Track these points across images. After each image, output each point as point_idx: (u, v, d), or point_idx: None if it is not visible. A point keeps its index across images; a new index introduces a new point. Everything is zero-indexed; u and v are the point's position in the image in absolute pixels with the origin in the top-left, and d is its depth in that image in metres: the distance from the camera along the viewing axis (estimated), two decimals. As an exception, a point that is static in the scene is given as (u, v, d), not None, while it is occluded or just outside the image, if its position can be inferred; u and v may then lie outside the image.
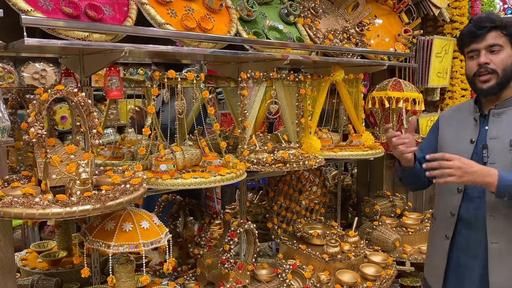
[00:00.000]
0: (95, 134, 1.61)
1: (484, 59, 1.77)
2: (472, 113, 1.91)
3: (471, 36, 1.80)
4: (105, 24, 1.72)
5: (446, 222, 1.93)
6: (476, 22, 1.80)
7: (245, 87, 2.19)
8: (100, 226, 1.64)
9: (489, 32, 1.77)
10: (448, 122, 2.02)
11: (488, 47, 1.77)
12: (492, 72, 1.77)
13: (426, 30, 3.56)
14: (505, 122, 1.80)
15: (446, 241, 1.93)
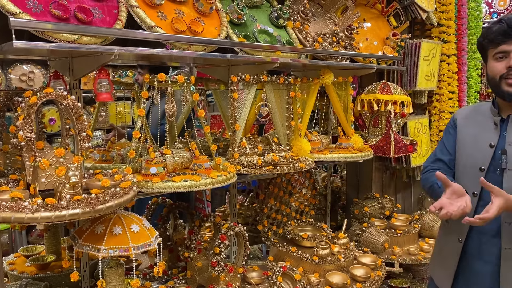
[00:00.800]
0: (85, 137, 1.60)
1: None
2: (491, 117, 1.87)
3: (504, 36, 1.73)
4: (95, 27, 1.71)
5: (459, 226, 1.87)
6: (509, 23, 1.72)
7: (235, 90, 2.20)
8: (89, 229, 1.63)
9: None
10: (466, 123, 1.97)
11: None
12: None
13: (414, 34, 3.61)
14: None
15: (458, 244, 1.91)
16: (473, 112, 1.98)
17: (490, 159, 1.80)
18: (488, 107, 1.91)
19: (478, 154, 1.84)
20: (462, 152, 1.94)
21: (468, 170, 1.88)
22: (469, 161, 1.88)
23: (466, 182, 1.87)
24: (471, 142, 1.90)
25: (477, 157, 1.84)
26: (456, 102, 3.69)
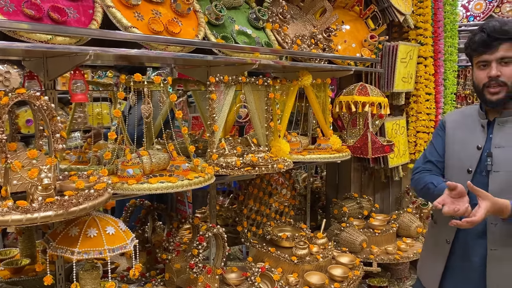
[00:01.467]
0: (59, 139, 1.58)
1: (495, 71, 1.74)
2: (479, 120, 1.89)
3: (484, 47, 1.76)
4: (72, 27, 1.69)
5: (447, 227, 1.86)
6: (489, 32, 1.74)
7: (214, 91, 2.20)
8: (64, 232, 1.61)
9: (501, 44, 1.73)
10: (455, 126, 2.00)
11: (499, 60, 1.74)
12: (503, 84, 1.75)
13: (392, 36, 3.66)
14: (510, 131, 1.80)
15: (446, 245, 1.93)
16: (462, 116, 2.01)
17: (477, 161, 1.83)
18: (475, 110, 1.94)
19: (466, 156, 1.87)
20: (451, 154, 1.97)
21: (457, 172, 1.91)
22: (457, 163, 1.92)
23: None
24: (460, 145, 1.93)
25: (465, 159, 1.87)
26: (433, 103, 3.76)
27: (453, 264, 1.93)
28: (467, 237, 1.87)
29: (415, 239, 3.25)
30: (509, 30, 1.72)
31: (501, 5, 7.99)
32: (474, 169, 1.84)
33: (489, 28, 1.75)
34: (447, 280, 1.96)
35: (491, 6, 8.09)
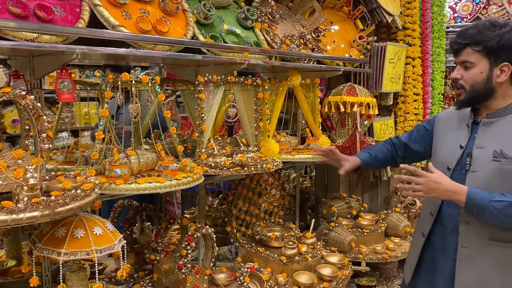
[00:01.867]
0: (45, 138, 1.56)
1: (455, 74, 1.81)
2: (467, 119, 1.92)
3: (451, 49, 1.84)
4: (59, 26, 1.67)
5: (425, 221, 1.98)
6: (456, 35, 1.81)
7: (203, 91, 2.19)
8: (50, 233, 1.59)
9: (463, 48, 1.78)
10: (446, 125, 2.03)
11: (461, 63, 1.80)
12: (461, 87, 1.80)
13: (380, 37, 3.68)
14: (493, 132, 1.80)
15: (422, 238, 1.98)
16: (453, 114, 2.04)
17: (457, 159, 1.86)
18: (467, 110, 1.96)
19: (449, 154, 1.91)
20: (438, 152, 2.01)
21: (438, 168, 1.91)
22: (441, 160, 1.95)
23: None
24: (446, 142, 1.97)
25: (448, 157, 1.91)
26: (420, 104, 3.79)
27: (428, 257, 1.98)
28: (442, 232, 1.91)
29: (403, 239, 3.28)
30: (471, 35, 1.75)
31: (488, 7, 8.09)
32: (453, 167, 1.86)
33: (459, 31, 1.82)
34: (421, 273, 2.01)
35: (478, 8, 8.19)
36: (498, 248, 1.77)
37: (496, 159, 1.74)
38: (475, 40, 1.74)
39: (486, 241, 1.77)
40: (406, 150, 2.20)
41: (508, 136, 1.76)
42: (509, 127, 1.78)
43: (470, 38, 1.75)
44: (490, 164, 1.75)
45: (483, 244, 1.78)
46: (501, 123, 1.80)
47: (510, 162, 1.71)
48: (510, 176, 1.72)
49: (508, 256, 1.78)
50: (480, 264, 1.79)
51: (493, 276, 1.79)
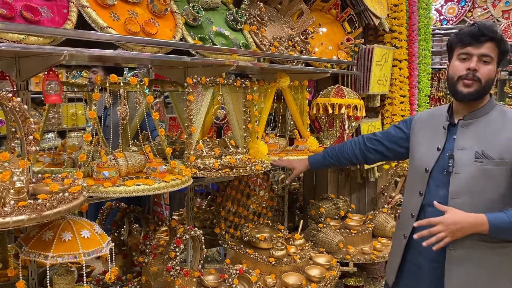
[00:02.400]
0: (32, 141, 1.54)
1: (475, 65, 1.78)
2: (443, 121, 1.94)
3: (472, 39, 1.79)
4: (46, 27, 1.66)
5: (406, 222, 1.98)
6: (480, 27, 1.78)
7: (191, 92, 2.19)
8: (37, 236, 1.57)
9: (487, 41, 1.77)
10: (421, 126, 2.05)
11: (481, 56, 1.78)
12: (477, 80, 1.78)
13: (367, 39, 3.72)
14: (472, 134, 1.83)
15: (403, 240, 1.98)
16: (429, 117, 2.06)
17: (435, 161, 1.88)
18: (442, 112, 1.99)
19: (426, 156, 1.93)
20: (415, 154, 2.02)
21: (417, 170, 1.97)
22: (419, 163, 1.97)
23: (415, 182, 1.97)
24: (423, 145, 1.99)
25: (425, 159, 1.93)
26: (407, 105, 3.83)
27: (409, 259, 1.99)
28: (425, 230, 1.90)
29: (391, 239, 3.30)
30: (497, 31, 1.78)
31: (473, 10, 8.22)
32: (431, 168, 1.89)
33: (481, 24, 1.81)
34: (404, 275, 2.02)
35: (463, 11, 8.31)
36: (487, 249, 1.79)
37: (478, 160, 1.77)
38: (500, 38, 1.78)
39: (475, 242, 1.78)
40: (379, 145, 2.21)
41: (488, 137, 1.79)
42: (488, 128, 1.81)
43: (496, 34, 1.78)
44: (472, 165, 1.78)
45: (472, 246, 1.79)
46: (479, 123, 1.84)
47: (492, 163, 1.75)
48: (492, 176, 1.75)
49: (497, 256, 1.80)
50: (469, 265, 1.81)
51: (483, 277, 1.81)
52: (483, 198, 1.77)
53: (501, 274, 1.82)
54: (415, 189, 1.95)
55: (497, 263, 1.81)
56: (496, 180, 1.76)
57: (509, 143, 1.75)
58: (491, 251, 1.79)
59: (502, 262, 1.81)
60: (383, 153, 2.24)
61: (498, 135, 1.78)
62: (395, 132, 2.17)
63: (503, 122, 1.81)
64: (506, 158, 1.74)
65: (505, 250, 1.80)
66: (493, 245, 1.78)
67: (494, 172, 1.75)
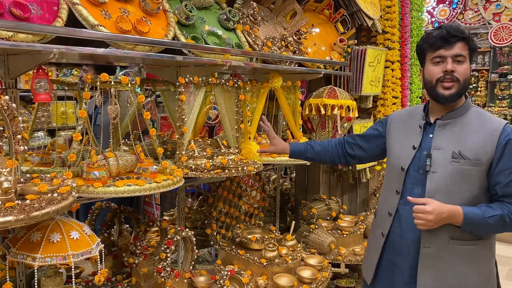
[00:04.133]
0: (20, 140, 1.51)
1: (451, 66, 1.80)
2: (419, 120, 1.97)
3: (443, 41, 1.82)
4: (36, 24, 1.62)
5: (383, 221, 2.01)
6: (448, 29, 1.81)
7: (183, 92, 2.16)
8: (25, 237, 1.54)
9: (458, 41, 1.80)
10: (397, 125, 2.08)
11: (454, 56, 1.81)
12: (456, 80, 1.81)
13: (360, 40, 3.72)
14: (449, 134, 1.86)
15: (381, 238, 2.01)
16: (405, 116, 2.09)
17: (411, 160, 1.92)
18: (419, 111, 2.02)
19: (402, 155, 1.97)
20: (391, 152, 2.06)
21: (394, 169, 2.01)
22: (395, 161, 2.00)
23: (392, 180, 2.01)
24: (399, 144, 2.02)
25: (401, 157, 1.97)
26: (399, 106, 3.84)
27: (387, 257, 2.01)
28: (402, 232, 1.95)
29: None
30: (464, 30, 1.82)
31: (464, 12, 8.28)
32: (407, 167, 1.92)
33: (448, 26, 1.85)
34: (381, 273, 2.05)
35: (454, 13, 8.37)
36: (459, 247, 1.84)
37: (455, 160, 1.82)
38: (468, 36, 1.82)
39: (446, 240, 1.84)
40: (358, 149, 2.22)
41: (464, 138, 1.83)
42: (465, 128, 1.85)
43: (465, 34, 1.81)
44: (449, 165, 1.82)
45: (444, 243, 1.84)
46: (456, 124, 1.87)
47: (468, 163, 1.79)
48: (469, 176, 1.80)
49: (468, 253, 1.85)
50: (442, 263, 1.85)
51: (455, 275, 1.86)
52: (458, 197, 1.80)
53: (470, 271, 1.86)
54: (392, 187, 1.99)
55: (469, 258, 1.85)
56: (471, 181, 1.80)
57: (485, 144, 1.79)
58: (462, 248, 1.84)
59: (471, 260, 1.86)
60: (364, 157, 2.26)
61: (475, 136, 1.82)
62: (372, 134, 2.19)
63: (479, 124, 1.84)
64: (482, 159, 1.78)
65: (474, 248, 1.85)
66: (465, 242, 1.83)
67: (470, 173, 1.79)
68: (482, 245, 1.87)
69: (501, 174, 1.77)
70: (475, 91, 8.19)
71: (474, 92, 8.20)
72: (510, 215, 1.76)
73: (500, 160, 1.77)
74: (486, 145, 1.79)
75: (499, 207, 1.77)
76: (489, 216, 1.75)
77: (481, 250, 1.87)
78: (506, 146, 1.77)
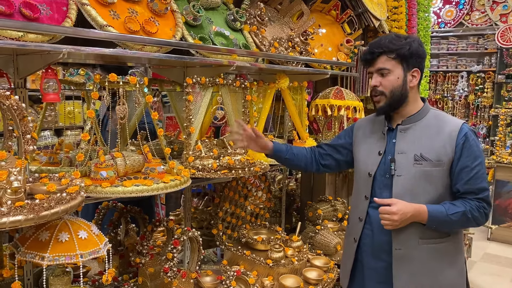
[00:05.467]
0: (29, 140, 1.52)
1: (374, 82, 1.91)
2: (382, 127, 2.03)
3: (365, 60, 1.95)
4: (45, 25, 1.63)
5: (355, 227, 2.07)
6: (369, 46, 1.94)
7: (191, 92, 2.17)
8: (33, 236, 1.55)
9: (378, 56, 1.89)
10: (362, 133, 2.14)
11: (378, 71, 1.90)
12: (381, 93, 1.90)
13: (367, 41, 3.71)
14: (410, 138, 1.93)
15: (354, 244, 2.06)
16: (369, 122, 2.15)
17: (377, 165, 1.98)
18: (381, 117, 2.07)
19: (369, 161, 2.02)
20: (358, 159, 2.11)
21: (362, 175, 2.06)
22: (363, 168, 2.06)
23: (360, 186, 2.06)
24: (365, 151, 2.08)
25: (368, 163, 2.02)
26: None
27: (361, 261, 2.06)
28: (373, 236, 1.99)
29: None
30: (385, 44, 1.88)
31: (471, 13, 8.24)
32: (374, 172, 1.98)
33: (371, 43, 1.96)
34: (356, 276, 2.09)
35: (461, 14, 8.34)
36: (429, 245, 1.90)
37: (417, 162, 1.88)
38: (389, 48, 1.88)
39: (416, 240, 1.89)
40: (329, 158, 2.24)
41: (425, 140, 1.90)
42: (424, 132, 1.92)
43: (384, 47, 1.89)
44: (412, 168, 1.89)
45: (415, 244, 1.90)
46: (416, 128, 1.94)
47: (431, 164, 1.87)
48: (431, 177, 1.87)
49: (439, 251, 1.92)
50: (415, 263, 1.91)
51: (428, 273, 1.91)
52: (423, 198, 1.87)
53: (443, 268, 1.92)
54: (361, 193, 2.04)
55: (438, 258, 1.92)
56: (434, 181, 1.87)
57: (444, 145, 1.86)
58: (434, 246, 1.90)
59: (442, 257, 1.92)
60: (334, 166, 2.28)
61: (434, 138, 1.89)
62: (341, 144, 2.23)
63: (437, 126, 1.91)
64: (442, 159, 1.86)
65: (444, 245, 1.92)
66: (435, 241, 1.90)
67: (432, 173, 1.86)
68: (451, 241, 1.93)
69: (462, 172, 1.85)
70: (481, 92, 8.14)
71: (480, 93, 8.16)
72: (472, 211, 1.83)
73: (459, 159, 1.85)
74: (446, 145, 1.86)
75: (462, 203, 1.84)
76: (453, 213, 1.82)
77: (451, 246, 1.94)
78: (464, 145, 1.85)
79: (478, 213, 1.84)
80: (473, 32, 8.26)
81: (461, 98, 8.41)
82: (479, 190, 1.85)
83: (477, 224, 1.90)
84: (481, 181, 1.86)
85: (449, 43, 8.48)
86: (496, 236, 5.79)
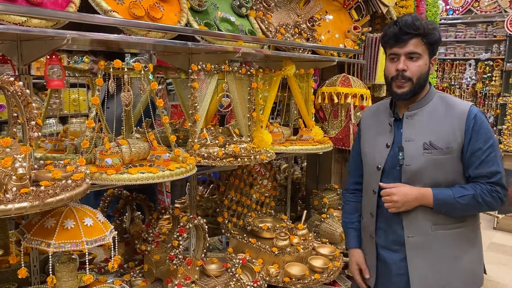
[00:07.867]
0: (34, 126, 1.51)
1: (402, 65, 1.79)
2: (388, 117, 1.96)
3: (395, 40, 1.80)
4: (49, 10, 1.61)
5: (369, 222, 2.04)
6: (401, 26, 1.78)
7: (196, 79, 2.14)
8: (39, 223, 1.55)
9: (411, 38, 1.78)
10: (367, 125, 2.08)
11: (408, 54, 1.79)
12: (408, 79, 1.80)
13: (375, 28, 3.65)
14: (418, 124, 1.86)
15: (372, 240, 2.03)
16: (373, 113, 2.08)
17: (386, 158, 1.92)
18: (386, 107, 2.00)
19: (376, 154, 1.96)
20: (365, 152, 2.05)
21: (370, 169, 2.01)
22: (370, 161, 2.00)
23: (369, 180, 2.03)
24: (371, 143, 2.02)
25: (376, 156, 1.96)
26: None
27: (378, 255, 2.03)
28: (386, 228, 1.97)
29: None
30: (419, 26, 1.77)
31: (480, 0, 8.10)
32: (382, 166, 1.92)
33: (402, 22, 1.80)
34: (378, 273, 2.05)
35: (470, 0, 8.20)
36: (443, 231, 1.86)
37: (427, 151, 1.82)
38: (424, 32, 1.78)
39: (429, 226, 1.85)
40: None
41: (433, 125, 1.84)
42: (432, 117, 1.86)
43: (420, 29, 1.77)
44: (422, 157, 1.82)
45: (428, 230, 1.86)
46: (423, 113, 1.87)
47: (441, 152, 1.80)
48: (442, 165, 1.81)
49: (454, 237, 1.87)
50: (430, 250, 1.87)
51: (445, 260, 1.87)
52: (434, 186, 1.82)
53: (460, 254, 1.88)
54: (369, 187, 2.01)
55: (455, 245, 1.87)
56: (445, 169, 1.82)
57: (454, 130, 1.80)
58: (447, 232, 1.86)
59: (459, 244, 1.88)
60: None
61: (443, 123, 1.83)
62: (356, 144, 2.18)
63: (445, 109, 1.85)
64: (452, 146, 1.80)
65: (459, 231, 1.87)
66: (448, 226, 1.85)
67: (443, 162, 1.81)
68: (466, 227, 1.89)
69: (473, 156, 1.79)
70: (489, 80, 8.05)
71: (488, 81, 8.06)
72: (483, 195, 1.78)
73: (469, 143, 1.79)
74: (456, 130, 1.80)
75: (472, 187, 1.80)
76: (460, 196, 1.78)
77: (467, 232, 1.90)
78: (473, 128, 1.78)
79: (490, 198, 1.78)
80: (481, 19, 8.13)
81: (469, 87, 8.32)
82: (491, 174, 1.78)
83: (491, 208, 1.85)
84: (493, 164, 1.78)
85: (457, 31, 8.35)
86: (502, 226, 5.76)
